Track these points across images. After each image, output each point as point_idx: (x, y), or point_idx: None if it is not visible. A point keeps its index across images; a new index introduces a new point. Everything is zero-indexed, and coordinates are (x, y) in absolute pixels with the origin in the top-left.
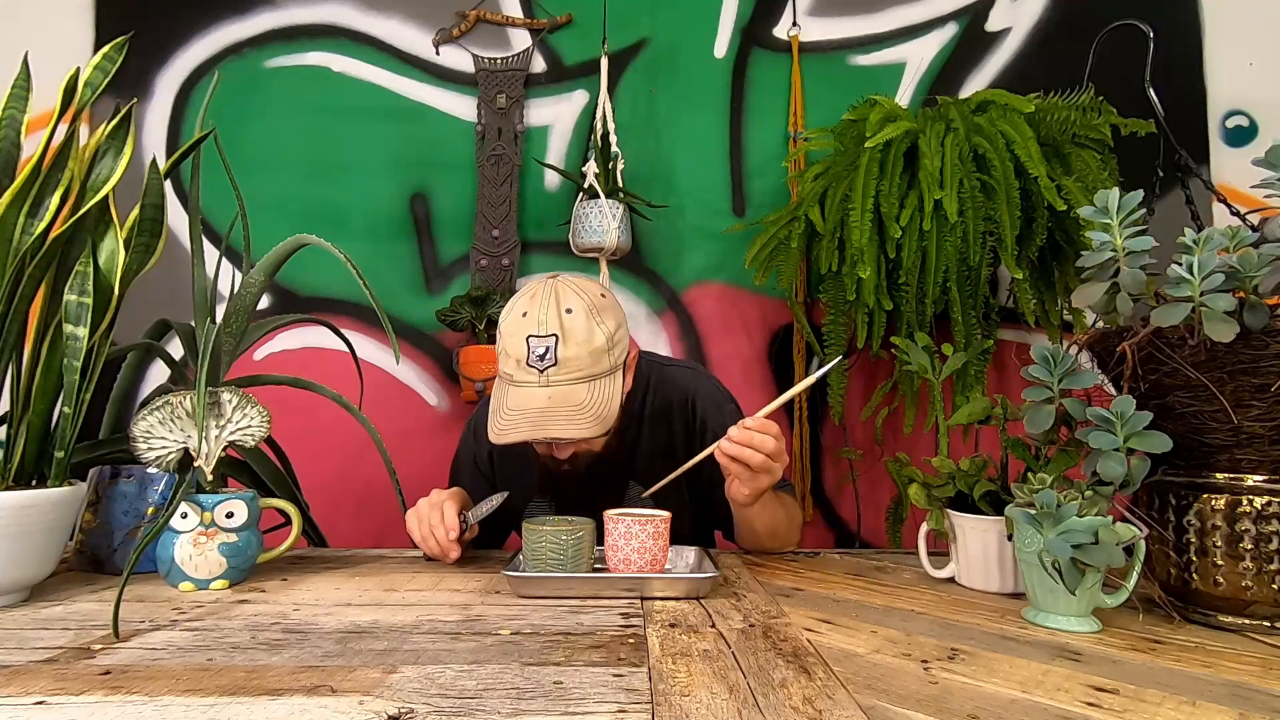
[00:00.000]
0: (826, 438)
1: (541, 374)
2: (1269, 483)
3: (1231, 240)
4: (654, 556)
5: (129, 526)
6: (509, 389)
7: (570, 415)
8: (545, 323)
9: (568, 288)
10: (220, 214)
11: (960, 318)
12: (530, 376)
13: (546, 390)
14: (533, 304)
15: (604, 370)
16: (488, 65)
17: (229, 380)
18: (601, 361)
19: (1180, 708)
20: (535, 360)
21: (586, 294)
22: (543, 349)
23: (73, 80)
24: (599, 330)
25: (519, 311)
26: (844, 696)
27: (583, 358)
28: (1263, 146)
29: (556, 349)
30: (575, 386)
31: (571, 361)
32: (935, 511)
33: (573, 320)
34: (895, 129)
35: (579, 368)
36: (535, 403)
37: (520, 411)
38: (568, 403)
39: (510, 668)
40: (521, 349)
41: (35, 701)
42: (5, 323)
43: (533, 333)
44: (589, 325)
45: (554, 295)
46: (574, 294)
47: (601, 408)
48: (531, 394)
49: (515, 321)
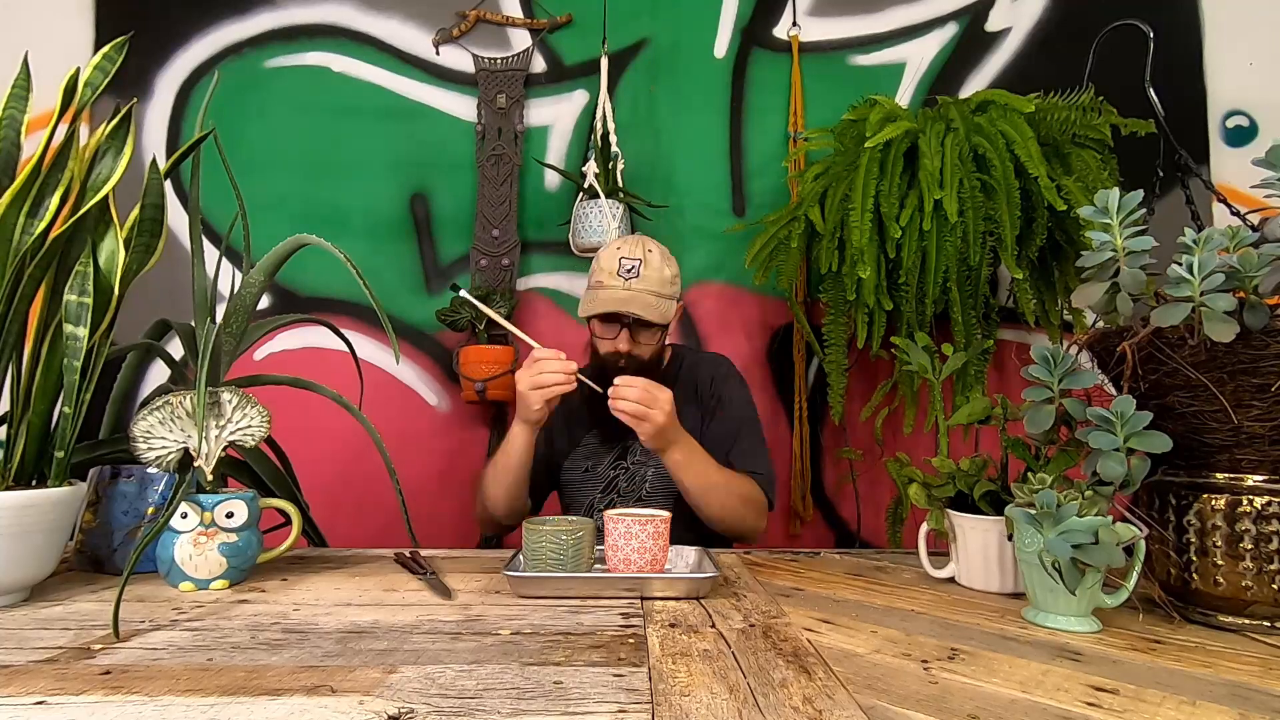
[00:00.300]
0: (826, 438)
1: (626, 281)
2: (1269, 483)
3: (1231, 240)
4: (654, 556)
5: (129, 526)
6: (599, 291)
7: (644, 306)
8: (633, 252)
9: (647, 238)
10: (220, 214)
11: (960, 318)
12: (618, 282)
13: (629, 292)
14: (624, 243)
15: (667, 294)
16: (488, 65)
17: (229, 380)
18: (666, 288)
19: (1180, 708)
20: (624, 272)
21: (658, 247)
22: (630, 266)
23: (73, 80)
24: (667, 268)
25: (614, 246)
26: (844, 696)
27: (655, 279)
28: (1263, 146)
29: (640, 268)
30: (648, 295)
31: (648, 279)
32: (935, 511)
33: (652, 256)
34: (895, 129)
35: (651, 285)
36: (621, 295)
37: (608, 298)
38: (644, 301)
39: (510, 668)
40: (614, 264)
41: (35, 701)
42: (5, 323)
43: (624, 255)
44: (662, 262)
45: (640, 240)
46: (653, 243)
47: (665, 311)
48: (617, 292)
49: (610, 251)
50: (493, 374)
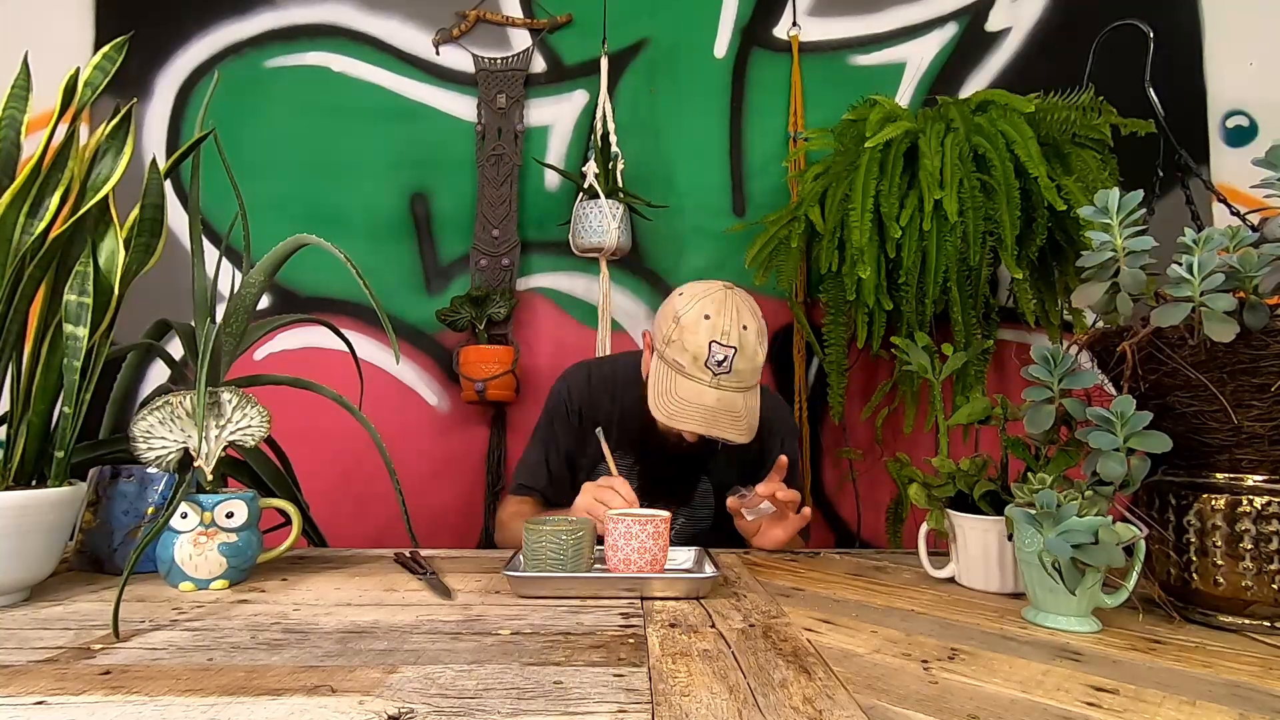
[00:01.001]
0: (826, 438)
1: (715, 377)
2: (1269, 483)
3: (1231, 240)
4: (654, 556)
5: (129, 526)
6: (678, 378)
7: (733, 421)
8: (728, 333)
9: (744, 305)
10: (220, 214)
11: (960, 318)
12: (704, 375)
13: (716, 392)
14: (717, 312)
15: (755, 385)
16: (488, 65)
17: (229, 380)
18: (756, 377)
19: (1180, 708)
20: (713, 364)
21: (756, 315)
22: (722, 356)
23: (73, 80)
24: (761, 351)
25: (702, 312)
26: (844, 696)
27: (748, 371)
28: (1263, 146)
29: (734, 359)
30: (736, 394)
31: (740, 373)
32: (935, 511)
33: (747, 337)
34: (895, 129)
35: (743, 379)
36: (706, 400)
37: (691, 404)
38: (731, 408)
39: (510, 668)
40: (703, 350)
41: (35, 701)
42: (5, 323)
43: (716, 339)
44: (756, 345)
45: (736, 311)
46: (749, 313)
47: (753, 418)
48: (702, 391)
49: (698, 321)
50: (493, 374)
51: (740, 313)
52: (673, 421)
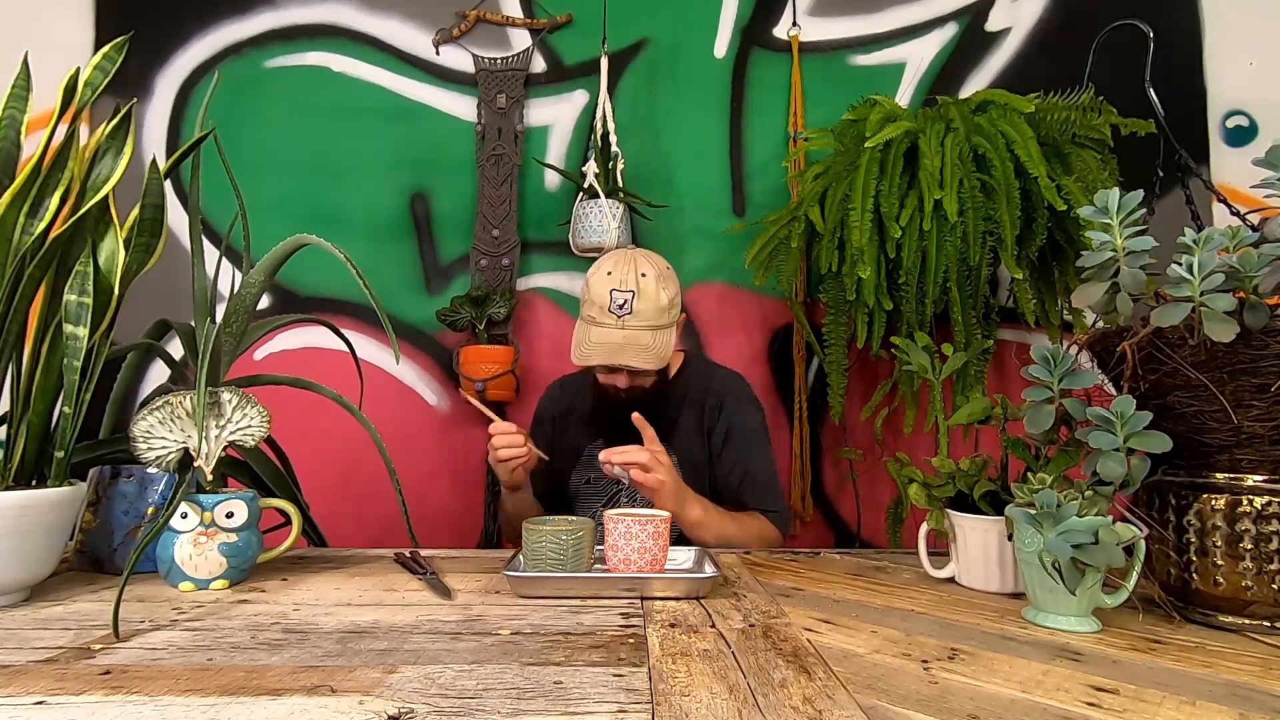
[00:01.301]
0: (826, 438)
1: (619, 319)
2: (1269, 483)
3: (1231, 240)
4: (654, 556)
5: (129, 526)
6: (591, 328)
7: (639, 351)
8: (625, 281)
9: (642, 258)
10: (220, 214)
11: (960, 318)
12: (609, 320)
13: (622, 331)
14: (616, 266)
15: (665, 323)
16: (488, 65)
17: (229, 380)
18: (663, 317)
19: (1180, 708)
20: (615, 308)
21: (655, 264)
22: (622, 300)
23: (73, 80)
24: (664, 293)
25: (604, 270)
26: (844, 696)
27: (650, 311)
28: (1263, 146)
29: (633, 301)
30: (642, 331)
31: (642, 313)
32: (935, 511)
33: (646, 282)
34: (895, 129)
35: (646, 319)
36: (613, 339)
37: (600, 345)
38: (637, 342)
39: (510, 668)
40: (605, 298)
41: (35, 701)
42: (5, 323)
43: (615, 287)
44: (657, 288)
45: (633, 261)
46: (648, 263)
47: (661, 350)
48: (609, 333)
49: (601, 278)
50: (493, 374)
51: (638, 263)
52: (584, 360)
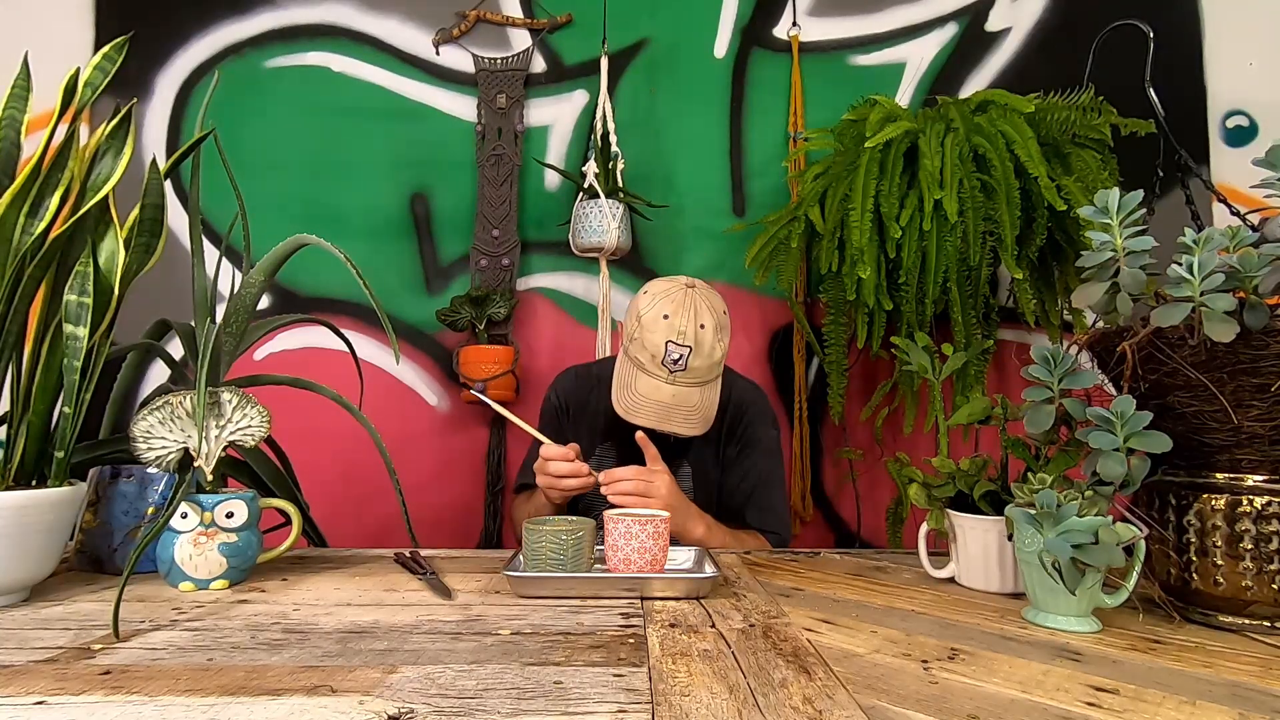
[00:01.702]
0: (826, 438)
1: (671, 374)
2: (1269, 483)
3: (1231, 240)
4: (654, 556)
5: (129, 526)
6: (639, 374)
7: (687, 415)
8: (684, 333)
9: (704, 302)
10: (220, 214)
11: (960, 318)
12: (661, 373)
13: (672, 389)
14: (675, 311)
15: (713, 379)
16: (488, 65)
17: (229, 380)
18: (714, 372)
19: (1180, 708)
20: (669, 362)
21: (715, 312)
22: (678, 355)
23: (73, 80)
24: (719, 347)
25: (660, 312)
26: (844, 696)
27: (704, 368)
28: (1263, 146)
29: (689, 358)
30: (692, 390)
31: (696, 370)
32: (935, 511)
33: (704, 335)
34: (895, 129)
35: (699, 375)
36: (661, 396)
37: (647, 400)
38: (686, 403)
39: (510, 668)
40: (659, 348)
41: (35, 701)
42: (5, 323)
43: (672, 339)
44: (714, 342)
45: (694, 309)
46: (708, 310)
47: (708, 410)
48: (659, 387)
49: (657, 321)
50: (493, 374)
51: (698, 312)
52: (629, 417)
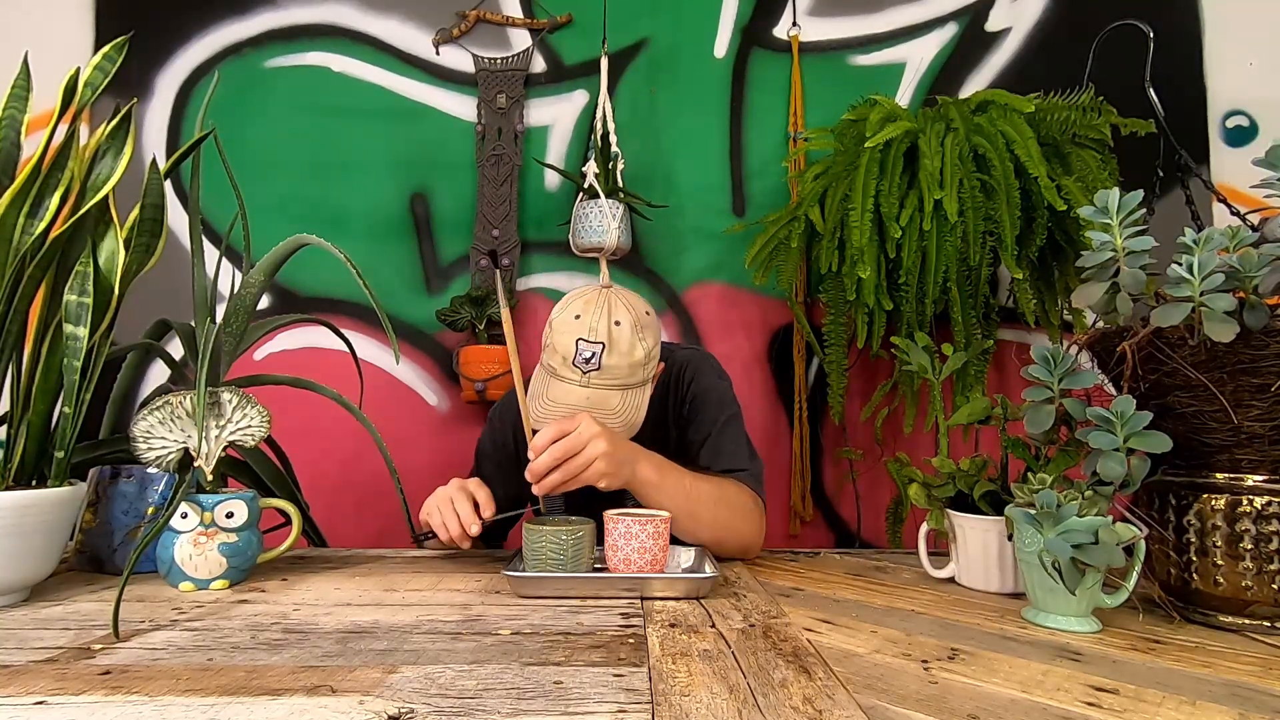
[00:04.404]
0: (826, 438)
1: (584, 375)
2: (1269, 483)
3: (1231, 240)
4: (654, 556)
5: (129, 526)
6: (551, 380)
7: (603, 417)
8: (596, 329)
9: (619, 301)
10: (220, 214)
11: (960, 318)
12: (574, 375)
13: (586, 391)
14: (586, 309)
15: (637, 382)
16: (488, 65)
17: (229, 380)
18: (637, 374)
19: (1180, 708)
20: (580, 362)
21: (634, 309)
22: (589, 353)
23: (73, 80)
24: (640, 346)
25: (572, 313)
26: (844, 696)
27: (622, 368)
28: (1263, 146)
29: (602, 356)
30: (611, 392)
31: (612, 369)
32: (935, 511)
33: (619, 332)
34: (895, 129)
35: (617, 376)
36: (573, 399)
37: (559, 404)
38: (603, 405)
39: (510, 668)
40: (570, 349)
41: (35, 701)
42: (5, 323)
43: (583, 337)
44: (632, 339)
45: (607, 307)
46: (624, 308)
47: (630, 415)
48: (571, 390)
49: (568, 322)
50: (493, 374)
51: (613, 309)
52: (539, 425)
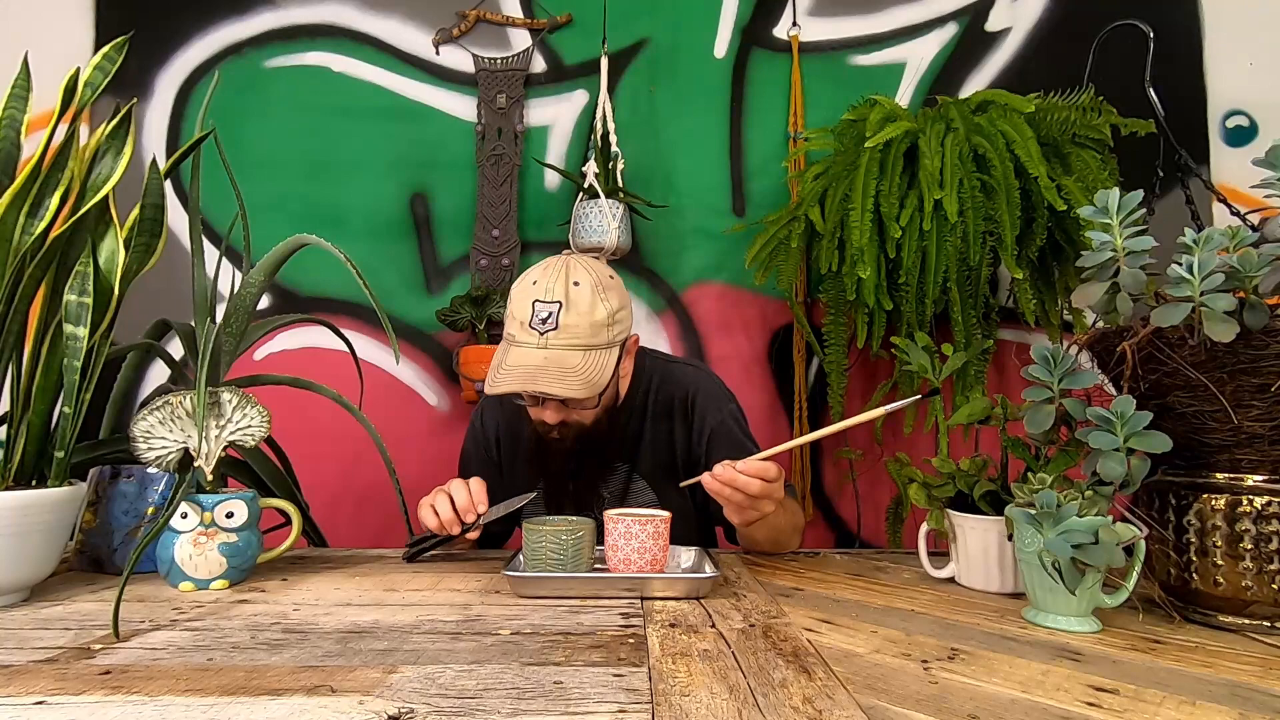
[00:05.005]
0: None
1: (541, 336)
2: (1269, 483)
3: (1231, 240)
4: (654, 556)
5: (129, 526)
6: (510, 348)
7: (561, 375)
8: (552, 290)
9: (578, 263)
10: (220, 214)
11: (960, 318)
12: (530, 338)
13: (544, 351)
14: (544, 274)
15: (601, 343)
16: (488, 65)
17: (229, 380)
18: (600, 335)
19: (1180, 708)
20: (537, 323)
21: (594, 271)
22: (546, 313)
23: (73, 80)
24: (602, 305)
25: (529, 280)
26: (844, 696)
27: (582, 327)
28: (1263, 146)
29: (559, 315)
30: (571, 352)
31: (571, 328)
32: (935, 511)
33: (578, 292)
34: (895, 129)
35: (577, 335)
36: (531, 360)
37: (517, 368)
38: (561, 364)
39: (510, 668)
40: (526, 311)
41: (35, 701)
42: (5, 323)
43: (539, 298)
44: (593, 299)
45: (564, 268)
46: (583, 270)
47: (594, 374)
48: (529, 353)
49: (524, 288)
50: None
51: (571, 270)
52: (493, 388)
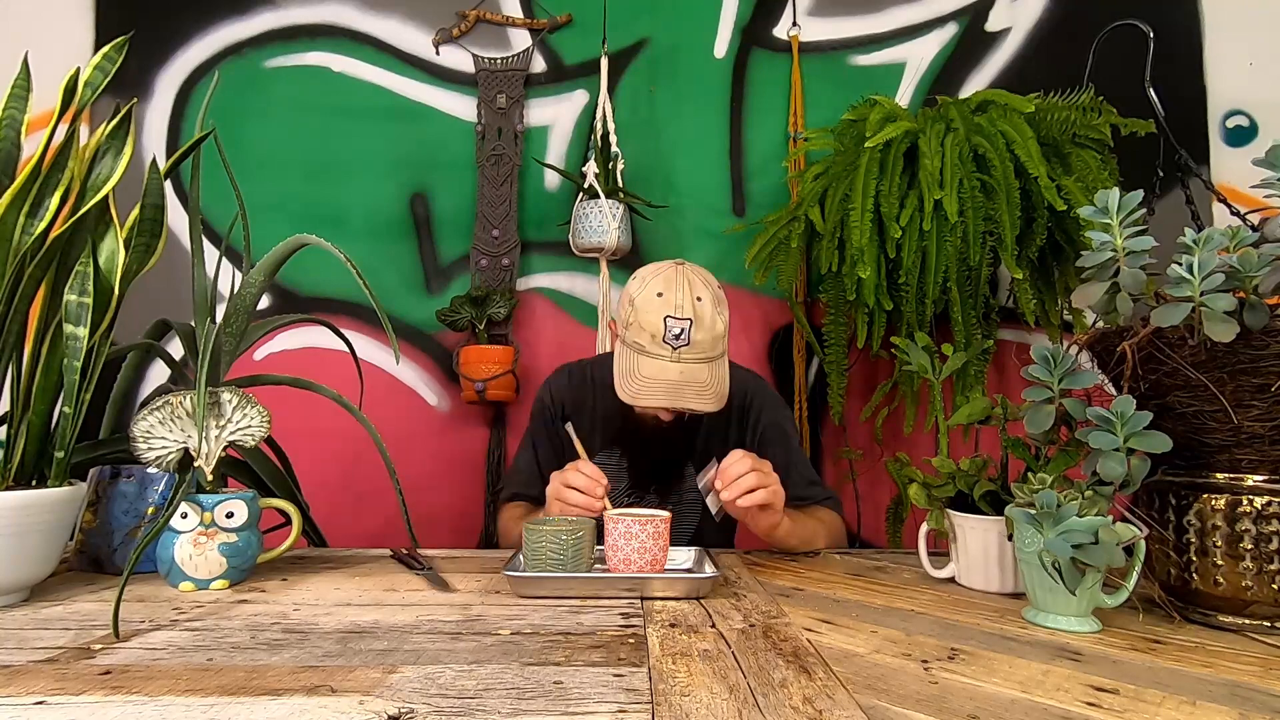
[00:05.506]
0: (826, 438)
1: (675, 351)
2: (1269, 483)
3: (1231, 240)
4: (654, 556)
5: (129, 526)
6: (639, 358)
7: (698, 391)
8: (681, 306)
9: (695, 276)
10: (220, 214)
11: (960, 318)
12: (663, 351)
13: (678, 366)
14: (668, 287)
15: (720, 354)
16: (488, 65)
17: (229, 380)
18: (719, 346)
19: (1180, 708)
20: (671, 339)
21: (710, 285)
22: (679, 330)
23: (73, 80)
24: (720, 319)
25: (654, 291)
26: (844, 696)
27: (708, 342)
28: (1263, 146)
29: (690, 331)
30: (700, 366)
31: (700, 344)
32: (935, 511)
33: (703, 308)
34: (895, 129)
35: (704, 351)
36: (669, 375)
37: (655, 380)
38: (695, 380)
39: (510, 668)
40: (658, 325)
41: (35, 701)
42: (5, 323)
43: (670, 314)
44: (714, 314)
45: (688, 284)
46: (701, 283)
47: (720, 386)
48: (664, 367)
49: (651, 300)
50: (493, 374)
51: (693, 285)
52: (637, 400)
